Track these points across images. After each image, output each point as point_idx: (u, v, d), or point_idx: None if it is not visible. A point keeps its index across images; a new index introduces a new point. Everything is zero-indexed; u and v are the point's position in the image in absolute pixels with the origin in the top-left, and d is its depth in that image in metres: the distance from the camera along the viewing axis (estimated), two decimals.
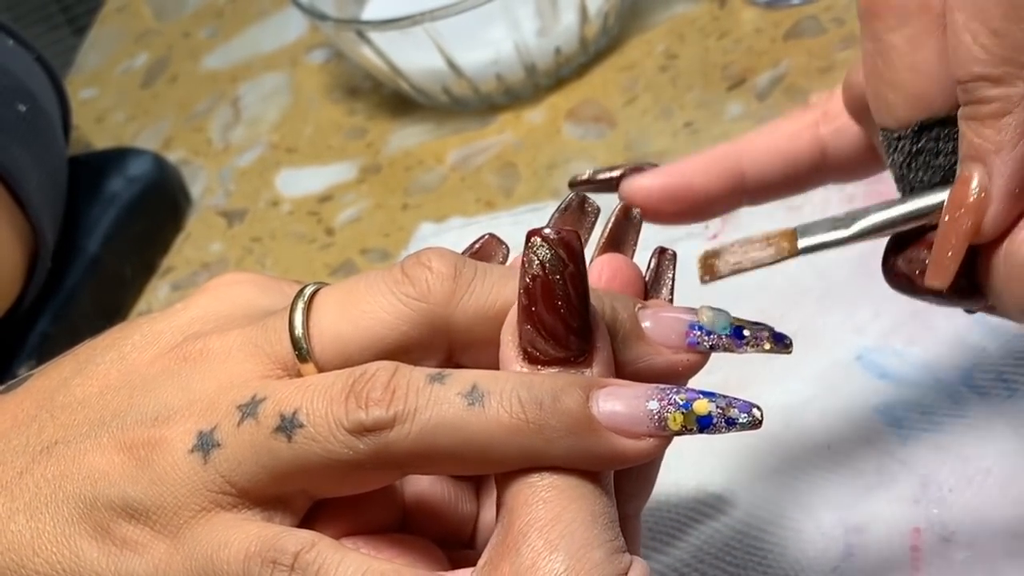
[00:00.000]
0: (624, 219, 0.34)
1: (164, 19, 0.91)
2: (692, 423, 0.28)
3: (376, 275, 0.30)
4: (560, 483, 0.27)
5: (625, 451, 0.28)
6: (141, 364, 0.31)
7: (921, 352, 0.46)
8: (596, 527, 0.27)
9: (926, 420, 0.44)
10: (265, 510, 0.29)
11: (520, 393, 0.27)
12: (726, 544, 0.43)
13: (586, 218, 0.34)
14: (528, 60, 0.67)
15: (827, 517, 0.42)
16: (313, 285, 0.30)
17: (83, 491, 0.29)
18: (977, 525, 0.40)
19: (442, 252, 0.29)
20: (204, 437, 0.28)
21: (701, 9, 0.69)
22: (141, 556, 0.29)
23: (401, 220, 0.65)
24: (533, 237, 0.28)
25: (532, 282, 0.28)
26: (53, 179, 0.64)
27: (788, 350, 0.32)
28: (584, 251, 0.28)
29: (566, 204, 0.34)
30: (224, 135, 0.78)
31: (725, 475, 0.45)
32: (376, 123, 0.73)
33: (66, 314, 0.64)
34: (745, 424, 0.28)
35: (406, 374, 0.27)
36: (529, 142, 0.66)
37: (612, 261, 0.33)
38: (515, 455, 0.27)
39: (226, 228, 0.71)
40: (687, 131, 0.62)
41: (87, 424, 0.30)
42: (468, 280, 0.29)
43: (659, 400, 0.28)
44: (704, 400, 0.28)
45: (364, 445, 0.27)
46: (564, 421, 0.27)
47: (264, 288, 0.32)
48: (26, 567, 0.29)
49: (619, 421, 0.28)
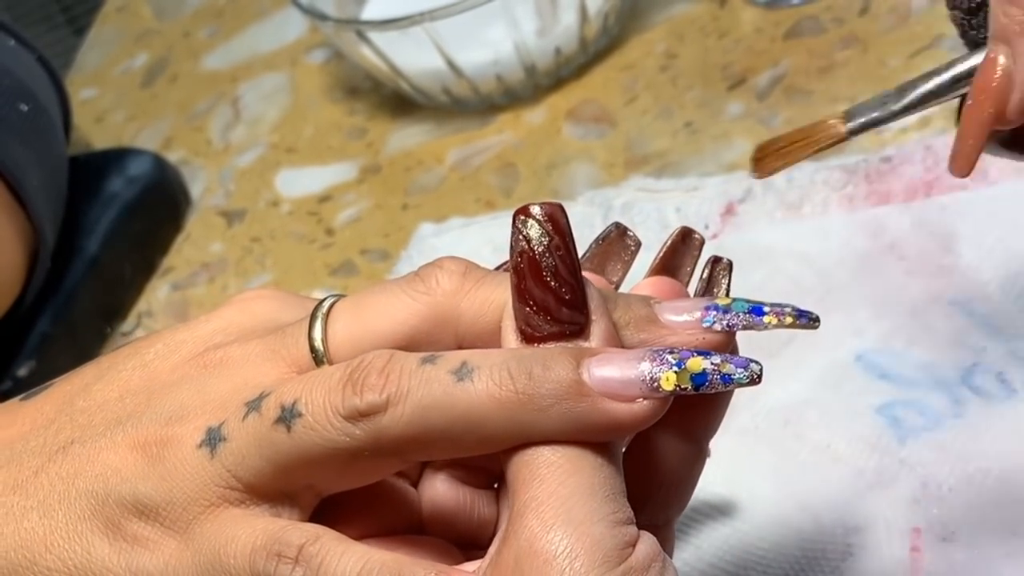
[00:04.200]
0: (681, 243, 0.32)
1: (164, 19, 0.91)
2: (686, 381, 0.27)
3: (392, 282, 0.30)
4: (555, 457, 0.27)
5: (620, 416, 0.27)
6: (163, 371, 0.31)
7: (921, 353, 0.46)
8: (595, 500, 0.26)
9: (926, 420, 0.44)
10: (273, 505, 0.29)
11: (510, 365, 0.27)
12: (726, 544, 0.43)
13: (625, 250, 0.33)
14: (528, 60, 0.67)
15: (827, 517, 0.42)
16: (333, 297, 0.31)
17: (95, 488, 0.29)
18: (977, 525, 0.40)
19: (456, 257, 0.30)
20: (212, 432, 0.29)
21: (701, 9, 0.69)
22: (152, 553, 0.29)
23: (401, 220, 0.65)
24: (518, 215, 0.28)
25: (520, 259, 0.28)
26: (54, 179, 0.64)
27: (814, 325, 0.30)
28: (571, 227, 0.28)
29: (605, 235, 0.33)
30: (224, 135, 0.78)
31: (725, 475, 0.45)
32: (376, 123, 0.73)
33: (66, 314, 0.64)
34: (742, 379, 0.27)
35: (400, 359, 0.28)
36: (529, 142, 0.66)
37: (659, 284, 0.32)
38: (509, 429, 0.27)
39: (226, 228, 0.71)
40: (687, 131, 0.62)
41: (103, 424, 0.30)
42: (477, 277, 0.29)
43: (651, 361, 0.27)
44: (698, 357, 0.27)
45: (360, 431, 0.27)
46: (554, 389, 0.27)
47: (287, 303, 0.33)
48: (38, 563, 0.29)
49: (611, 385, 0.27)
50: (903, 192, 0.51)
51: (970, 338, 0.45)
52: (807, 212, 0.53)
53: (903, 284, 0.48)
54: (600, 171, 0.62)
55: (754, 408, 0.46)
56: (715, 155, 0.59)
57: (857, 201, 0.52)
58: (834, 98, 0.59)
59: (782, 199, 0.54)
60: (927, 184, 0.51)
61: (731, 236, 0.54)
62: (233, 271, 0.68)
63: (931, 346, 0.46)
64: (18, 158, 0.60)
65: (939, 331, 0.46)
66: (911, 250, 0.49)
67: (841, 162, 0.54)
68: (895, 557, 0.41)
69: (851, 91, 0.59)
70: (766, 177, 0.34)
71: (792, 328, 0.30)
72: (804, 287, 0.50)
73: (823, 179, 0.53)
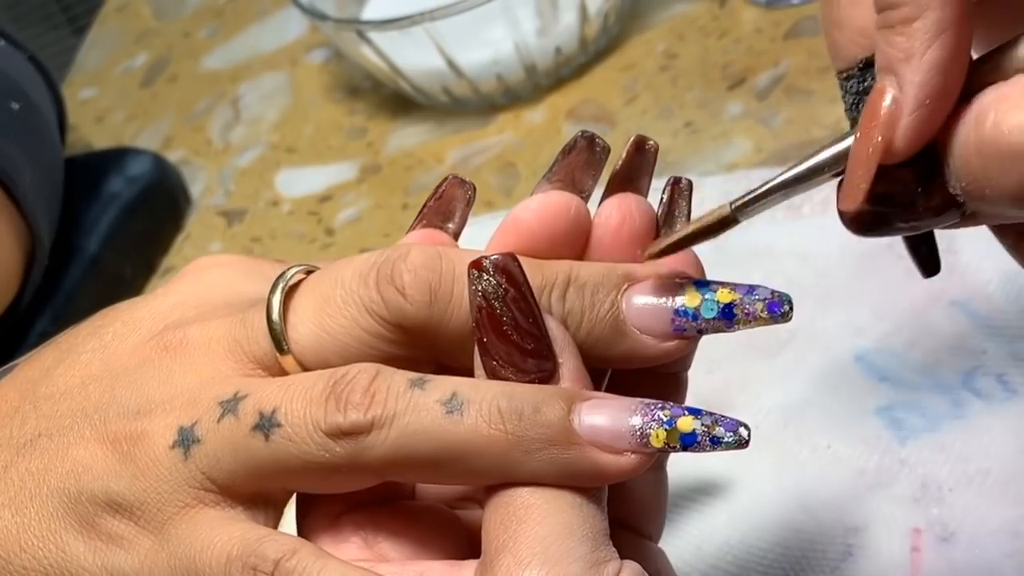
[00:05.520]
0: (636, 153, 0.31)
1: (164, 19, 0.91)
2: (675, 440, 0.27)
3: (351, 288, 0.29)
4: (534, 499, 0.27)
5: (606, 467, 0.27)
6: (123, 353, 0.30)
7: (921, 354, 0.46)
8: (572, 540, 0.26)
9: (926, 421, 0.44)
10: (248, 508, 0.29)
11: (500, 403, 0.27)
12: (726, 544, 0.43)
13: (595, 158, 0.31)
14: (528, 60, 0.67)
15: (827, 517, 0.42)
16: (294, 269, 0.30)
17: (67, 485, 0.29)
18: (977, 525, 0.40)
19: (415, 269, 0.28)
20: (185, 432, 0.28)
21: (701, 9, 0.69)
22: (127, 551, 0.28)
23: (401, 220, 0.65)
24: (471, 269, 0.27)
25: (479, 314, 0.27)
26: (48, 177, 0.64)
27: (786, 318, 0.29)
28: (525, 272, 0.28)
29: (571, 144, 0.31)
30: (224, 135, 0.78)
31: (725, 475, 0.45)
32: (376, 123, 0.73)
33: (66, 314, 0.64)
34: (731, 443, 0.27)
35: (387, 378, 0.27)
36: (529, 142, 0.66)
37: (623, 203, 0.30)
38: (493, 466, 0.27)
39: (226, 228, 0.71)
40: (687, 131, 0.62)
41: (70, 416, 0.30)
42: (445, 302, 0.28)
43: (642, 415, 0.27)
44: (689, 417, 0.27)
45: (340, 448, 0.27)
46: (543, 433, 0.27)
47: (244, 271, 0.32)
48: (13, 563, 0.29)
49: (600, 436, 0.27)
50: None
51: (970, 340, 0.45)
52: (807, 212, 0.53)
53: (903, 284, 0.48)
54: None
55: (754, 408, 0.46)
56: (715, 155, 0.59)
57: None
58: (834, 98, 0.59)
59: None
60: None
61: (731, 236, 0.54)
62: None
63: (931, 348, 0.46)
64: (11, 157, 0.60)
65: (939, 332, 0.46)
66: None
67: None
68: (895, 557, 0.41)
69: None
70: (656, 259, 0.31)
71: (766, 325, 0.30)
72: (804, 287, 0.50)
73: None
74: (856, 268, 0.49)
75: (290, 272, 0.30)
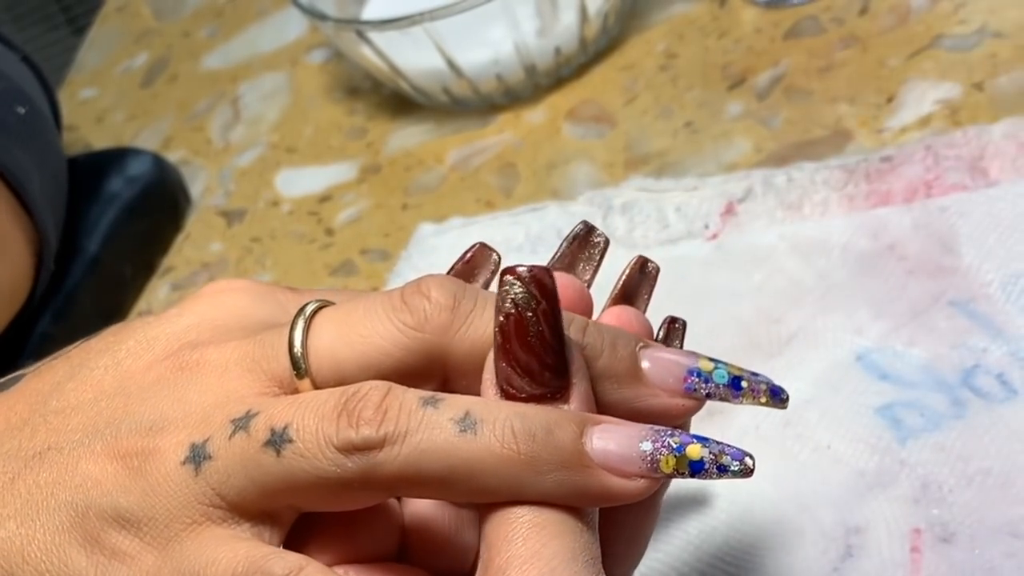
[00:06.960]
0: (638, 272, 0.34)
1: (164, 19, 0.91)
2: (684, 467, 0.28)
3: (375, 299, 0.29)
4: (541, 519, 0.27)
5: (615, 490, 0.27)
6: (136, 371, 0.30)
7: (921, 353, 0.46)
8: (577, 564, 0.26)
9: (926, 421, 0.44)
10: (255, 525, 0.28)
11: (513, 423, 0.27)
12: (726, 544, 0.43)
13: (592, 248, 0.33)
14: (528, 60, 0.67)
15: (827, 517, 0.42)
16: (314, 303, 0.30)
17: (75, 499, 0.29)
18: (977, 525, 0.40)
19: (442, 281, 0.29)
20: (196, 449, 0.28)
21: (701, 9, 0.69)
22: (129, 567, 0.28)
23: (401, 220, 0.65)
24: (506, 275, 0.28)
25: (506, 320, 0.28)
26: (55, 181, 0.64)
27: (783, 405, 0.31)
28: (557, 289, 0.28)
29: (573, 234, 0.33)
30: (224, 135, 0.78)
31: None
32: (376, 123, 0.73)
33: (66, 314, 0.64)
34: (736, 472, 0.28)
35: (399, 395, 0.27)
36: (529, 142, 0.66)
37: (622, 314, 0.32)
38: (503, 485, 0.27)
39: (226, 228, 0.71)
40: (687, 131, 0.62)
41: (80, 430, 0.30)
42: (467, 312, 0.29)
43: (653, 441, 0.28)
44: (697, 445, 0.28)
45: (352, 464, 0.27)
46: (556, 455, 0.27)
47: (259, 297, 0.32)
48: (15, 574, 0.29)
49: (611, 459, 0.27)
50: (903, 192, 0.51)
51: (971, 339, 0.45)
52: (807, 212, 0.53)
53: (903, 284, 0.48)
54: (600, 171, 0.62)
55: (754, 408, 0.46)
56: (715, 155, 0.59)
57: (857, 201, 0.52)
58: (834, 98, 0.59)
59: (782, 199, 0.54)
60: (927, 184, 0.51)
61: (731, 236, 0.54)
62: (233, 271, 0.68)
63: (932, 347, 0.46)
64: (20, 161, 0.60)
65: (940, 331, 0.46)
66: (911, 250, 0.49)
67: (841, 162, 0.54)
68: (895, 557, 0.41)
69: (850, 91, 0.59)
70: None
71: (764, 406, 0.31)
72: (804, 287, 0.50)
73: (823, 179, 0.53)
74: (856, 268, 0.49)
75: (311, 305, 0.30)
